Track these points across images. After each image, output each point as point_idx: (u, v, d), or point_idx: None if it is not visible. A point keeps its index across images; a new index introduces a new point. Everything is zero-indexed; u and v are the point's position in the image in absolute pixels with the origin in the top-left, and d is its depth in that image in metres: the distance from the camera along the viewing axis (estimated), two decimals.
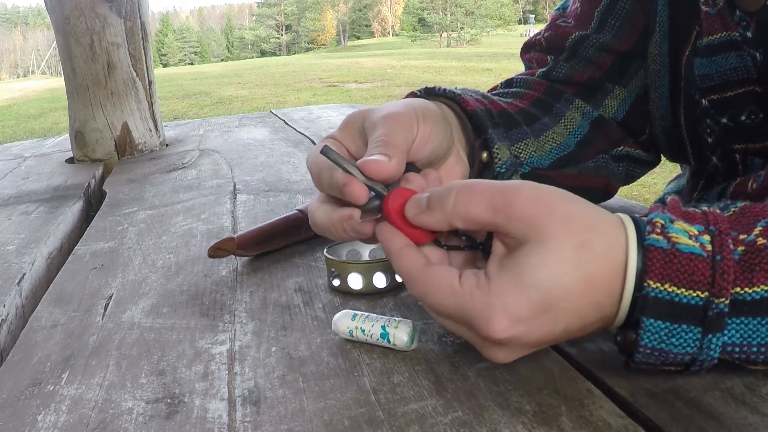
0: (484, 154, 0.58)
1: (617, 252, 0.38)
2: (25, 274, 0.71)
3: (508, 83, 0.73)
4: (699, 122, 0.63)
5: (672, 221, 0.38)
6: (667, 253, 0.36)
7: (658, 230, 0.37)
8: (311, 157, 0.47)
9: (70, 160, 1.39)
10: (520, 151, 0.61)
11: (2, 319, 0.62)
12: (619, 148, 0.69)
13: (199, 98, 13.85)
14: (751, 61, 0.57)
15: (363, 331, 0.47)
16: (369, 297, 0.56)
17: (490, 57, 21.20)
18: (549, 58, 0.71)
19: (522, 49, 0.77)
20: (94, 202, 1.14)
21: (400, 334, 0.46)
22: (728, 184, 0.63)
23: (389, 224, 0.42)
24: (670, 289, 0.36)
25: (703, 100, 0.61)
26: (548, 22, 0.74)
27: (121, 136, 1.39)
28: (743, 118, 0.59)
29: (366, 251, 0.63)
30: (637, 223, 0.39)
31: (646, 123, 0.70)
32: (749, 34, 0.56)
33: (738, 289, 0.36)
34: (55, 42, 1.51)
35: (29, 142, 1.74)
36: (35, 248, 0.79)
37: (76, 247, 0.79)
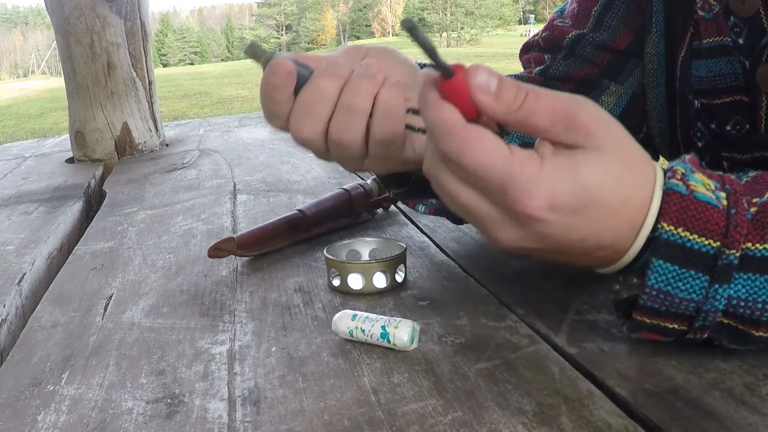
0: None
1: (647, 190, 0.39)
2: (25, 274, 0.71)
3: None
4: (691, 125, 0.63)
5: (692, 171, 0.39)
6: (685, 199, 0.38)
7: (678, 176, 0.38)
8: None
9: (70, 160, 1.39)
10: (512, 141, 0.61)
11: (2, 319, 0.62)
12: None
13: (199, 98, 13.85)
14: (741, 69, 0.57)
15: (363, 331, 0.47)
16: (369, 297, 0.56)
17: (490, 57, 21.20)
18: (546, 57, 0.72)
19: (521, 50, 0.77)
20: (94, 202, 1.14)
21: (400, 334, 0.46)
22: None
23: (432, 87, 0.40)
24: (683, 234, 0.37)
25: (696, 102, 0.61)
26: (546, 24, 0.75)
27: (121, 136, 1.39)
28: (728, 128, 0.60)
29: (366, 251, 0.63)
30: (663, 170, 0.40)
31: (642, 122, 0.70)
32: (741, 41, 0.57)
33: (749, 244, 0.38)
34: (55, 42, 1.51)
35: (29, 142, 1.74)
36: (35, 248, 0.79)
37: (76, 247, 0.79)
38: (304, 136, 0.50)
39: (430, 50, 0.38)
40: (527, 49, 0.76)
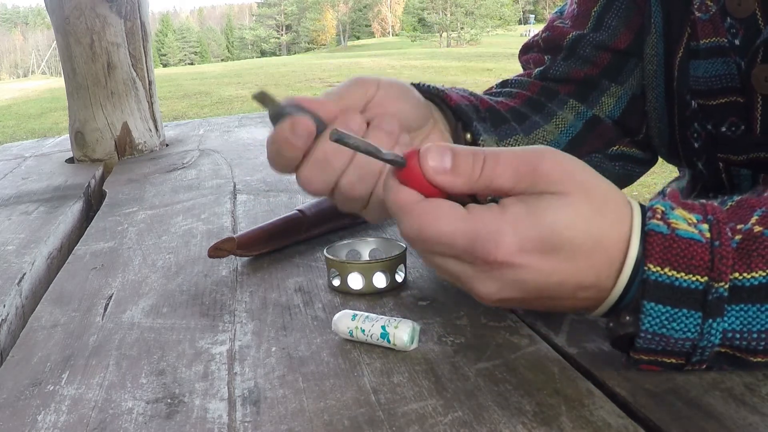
0: (468, 136, 0.59)
1: (624, 226, 0.39)
2: (25, 274, 0.71)
3: (503, 84, 0.73)
4: (688, 125, 0.63)
5: (672, 208, 0.39)
6: (667, 238, 0.37)
7: (659, 216, 0.38)
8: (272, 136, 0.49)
9: (70, 160, 1.39)
10: (508, 146, 0.61)
11: (2, 319, 0.62)
12: (615, 148, 0.70)
13: (199, 98, 13.85)
14: (736, 69, 0.57)
15: (363, 331, 0.47)
16: (369, 297, 0.56)
17: (490, 57, 21.20)
18: (546, 57, 0.72)
19: (520, 51, 0.77)
20: (94, 202, 1.14)
21: (400, 334, 0.46)
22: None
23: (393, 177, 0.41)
24: (670, 273, 0.37)
25: (693, 102, 0.61)
26: (546, 24, 0.75)
27: (121, 136, 1.39)
28: (724, 129, 0.60)
29: (366, 251, 0.63)
30: (641, 206, 0.40)
31: (642, 122, 0.70)
32: (737, 42, 0.57)
33: (737, 274, 0.37)
34: (55, 42, 1.51)
35: (29, 142, 1.74)
36: (35, 248, 0.79)
37: (76, 247, 0.79)
38: (314, 188, 0.50)
39: (371, 152, 0.40)
40: (526, 50, 0.76)
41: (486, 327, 0.49)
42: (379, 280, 0.57)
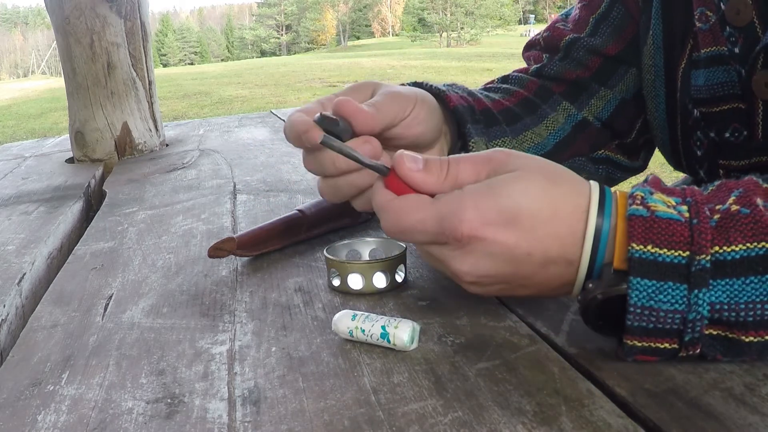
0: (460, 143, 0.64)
1: (581, 198, 0.42)
2: (25, 274, 0.71)
3: (504, 80, 0.77)
4: (691, 134, 0.64)
5: (651, 193, 0.41)
6: (647, 220, 0.40)
7: (638, 201, 0.41)
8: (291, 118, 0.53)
9: (70, 160, 1.39)
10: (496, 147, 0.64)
11: (2, 319, 0.62)
12: (600, 152, 0.73)
13: (199, 98, 13.85)
14: (737, 77, 0.59)
15: (363, 331, 0.47)
16: (369, 297, 0.56)
17: (490, 57, 21.20)
18: (545, 56, 0.76)
19: (524, 47, 0.81)
20: (94, 202, 1.14)
21: (400, 334, 0.46)
22: None
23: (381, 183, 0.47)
24: (653, 250, 0.39)
25: (695, 111, 0.62)
26: (549, 24, 0.79)
27: (121, 136, 1.39)
28: (727, 135, 0.61)
29: (366, 251, 0.63)
30: (608, 188, 0.43)
31: (632, 126, 0.73)
32: (737, 50, 0.58)
33: (717, 248, 0.39)
34: (55, 42, 1.51)
35: (29, 142, 1.74)
36: (35, 248, 0.79)
37: (76, 247, 0.79)
38: (334, 200, 0.56)
39: (355, 158, 0.46)
40: (529, 47, 0.80)
41: (486, 327, 0.49)
42: (379, 280, 0.57)
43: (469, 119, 0.63)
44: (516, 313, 0.51)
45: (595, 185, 0.43)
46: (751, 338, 0.39)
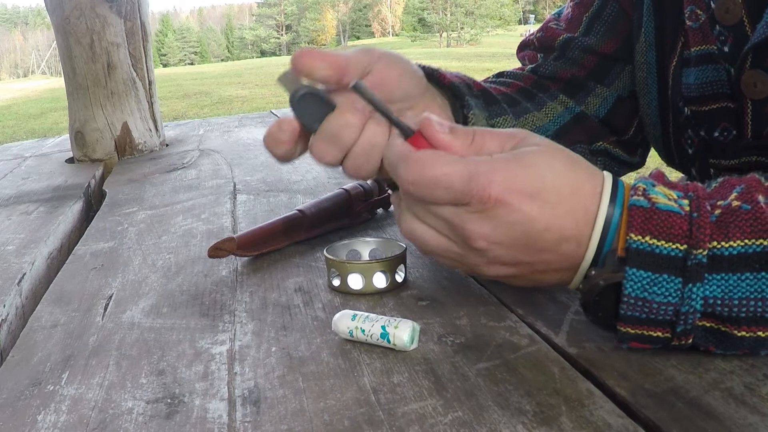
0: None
1: (597, 181, 0.43)
2: (25, 274, 0.71)
3: (499, 75, 0.77)
4: (682, 132, 0.64)
5: (654, 185, 0.41)
6: (647, 211, 0.40)
7: (640, 192, 0.41)
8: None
9: (70, 160, 1.39)
10: (496, 125, 0.63)
11: (2, 319, 0.62)
12: (599, 144, 0.73)
13: (199, 98, 13.86)
14: (726, 76, 0.59)
15: (363, 331, 0.47)
16: (369, 297, 0.56)
17: (490, 57, 21.20)
18: (539, 56, 0.75)
19: (518, 47, 0.81)
20: (94, 202, 1.14)
21: (400, 334, 0.46)
22: None
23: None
24: (650, 242, 0.39)
25: (686, 109, 0.62)
26: (542, 24, 0.78)
27: (121, 136, 1.39)
28: (716, 134, 0.61)
29: (366, 251, 0.63)
30: (614, 176, 0.44)
31: (630, 123, 0.73)
32: (726, 49, 0.58)
33: (715, 243, 0.39)
34: (55, 42, 1.51)
35: (29, 142, 1.74)
36: (35, 248, 0.79)
37: (76, 247, 0.79)
38: (326, 160, 0.52)
39: (384, 112, 0.46)
40: (523, 47, 0.79)
41: (486, 327, 0.49)
42: (379, 280, 0.57)
43: (467, 93, 0.62)
44: (516, 313, 0.51)
45: (608, 175, 0.43)
46: (744, 333, 0.40)
